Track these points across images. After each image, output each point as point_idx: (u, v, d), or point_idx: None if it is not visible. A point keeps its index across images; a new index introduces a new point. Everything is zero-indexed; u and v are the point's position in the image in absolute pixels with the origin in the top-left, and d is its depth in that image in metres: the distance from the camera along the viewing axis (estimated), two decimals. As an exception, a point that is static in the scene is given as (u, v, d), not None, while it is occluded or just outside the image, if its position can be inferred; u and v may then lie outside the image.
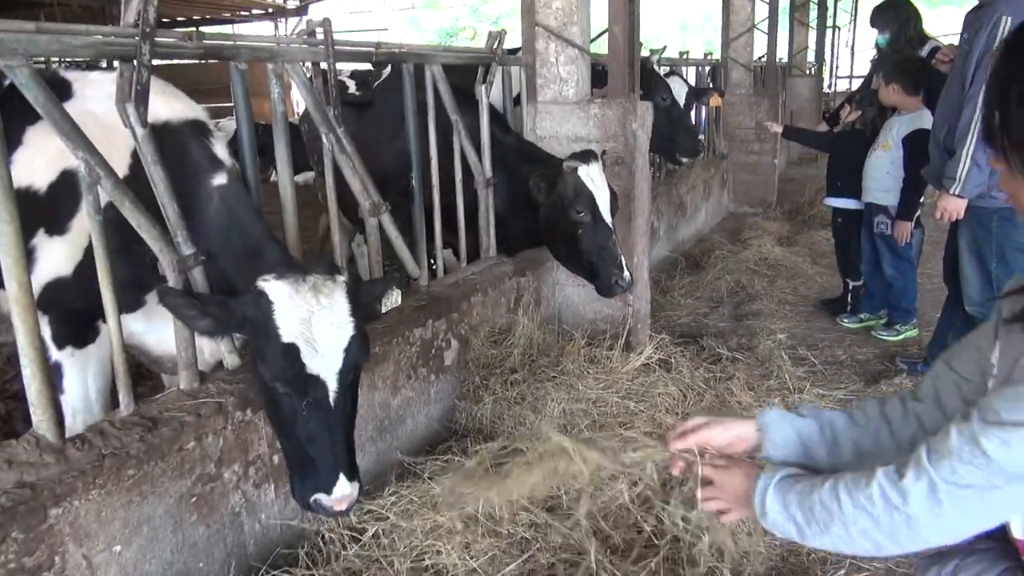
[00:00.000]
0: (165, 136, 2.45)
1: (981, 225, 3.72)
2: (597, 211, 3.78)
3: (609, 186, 3.86)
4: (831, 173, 5.54)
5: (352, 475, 2.19)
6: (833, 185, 5.45)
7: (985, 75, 3.31)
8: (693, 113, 8.04)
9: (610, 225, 3.85)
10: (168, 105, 2.55)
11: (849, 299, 5.50)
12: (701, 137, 7.00)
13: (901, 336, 4.98)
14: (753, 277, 6.29)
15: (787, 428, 1.47)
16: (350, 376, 2.20)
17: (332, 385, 2.15)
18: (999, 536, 1.21)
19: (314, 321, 2.10)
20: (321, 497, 2.16)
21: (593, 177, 3.76)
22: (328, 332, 2.12)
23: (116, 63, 2.19)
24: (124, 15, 2.18)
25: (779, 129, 6.65)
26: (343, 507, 2.18)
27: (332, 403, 2.16)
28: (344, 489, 2.16)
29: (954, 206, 3.73)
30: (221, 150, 2.62)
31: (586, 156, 3.80)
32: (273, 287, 2.13)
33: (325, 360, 2.13)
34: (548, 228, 3.98)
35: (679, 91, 6.86)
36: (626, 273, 3.84)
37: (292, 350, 2.09)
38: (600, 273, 3.85)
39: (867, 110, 5.18)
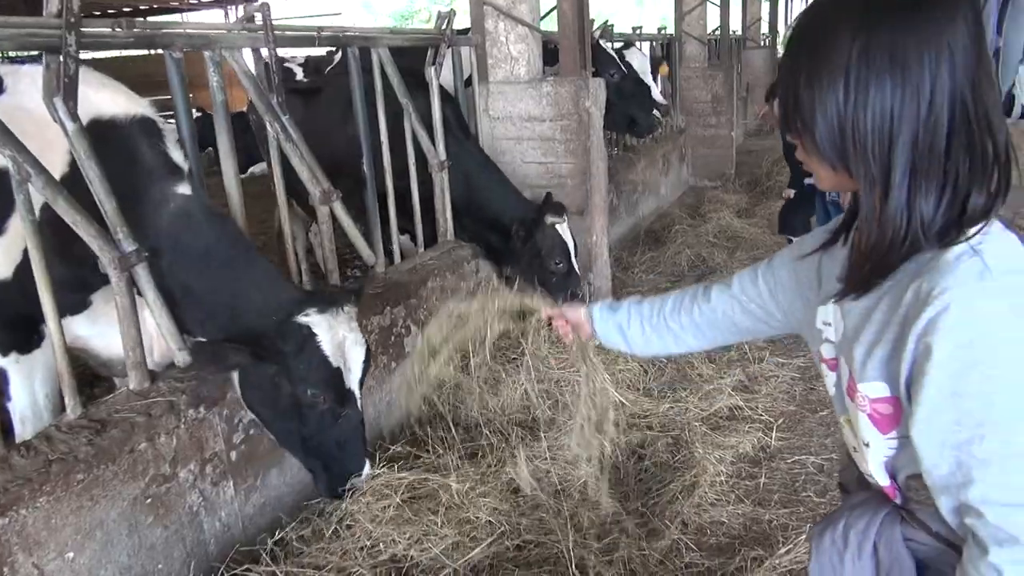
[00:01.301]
0: (111, 134, 2.37)
1: None
2: (571, 261, 4.10)
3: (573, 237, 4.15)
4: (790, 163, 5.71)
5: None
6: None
7: None
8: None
9: (579, 273, 4.19)
10: (112, 100, 2.45)
11: None
12: (657, 112, 6.97)
13: (858, 303, 5.05)
14: (713, 250, 6.35)
15: (607, 322, 1.78)
16: (364, 382, 2.55)
17: (358, 394, 2.49)
18: (874, 484, 1.27)
19: (347, 346, 2.42)
20: (355, 480, 2.52)
21: (566, 231, 4.07)
22: (355, 351, 2.45)
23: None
24: (47, 5, 2.10)
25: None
26: (369, 478, 2.61)
27: (360, 408, 2.51)
28: (369, 465, 2.57)
29: None
30: (177, 153, 2.54)
31: (559, 209, 4.05)
32: (316, 321, 2.37)
33: (354, 375, 2.46)
34: (523, 273, 4.14)
35: (642, 64, 6.80)
36: None
37: (338, 373, 2.40)
38: None
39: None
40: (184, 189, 2.47)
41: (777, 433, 3.42)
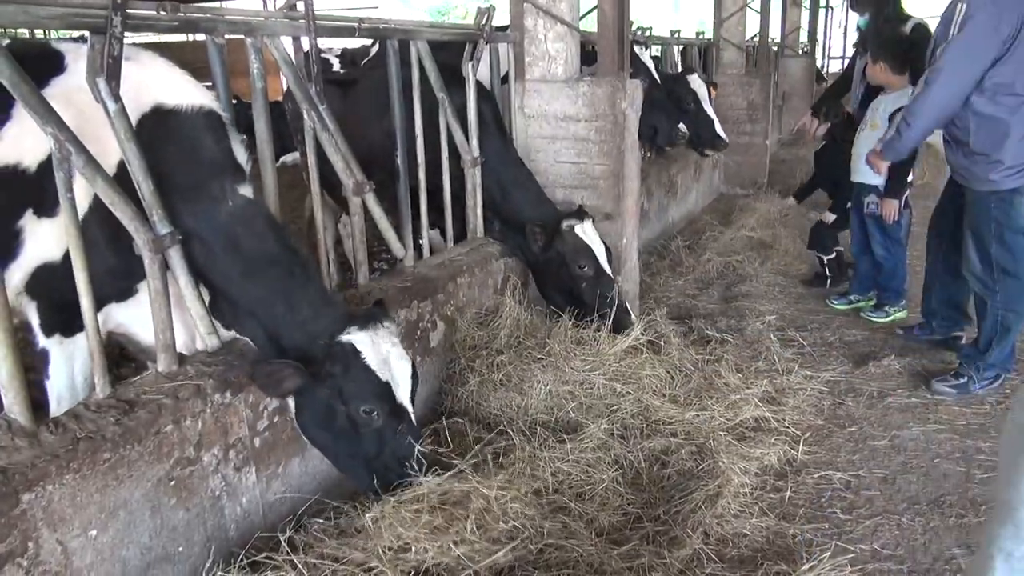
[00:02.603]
0: (173, 123, 2.39)
1: (980, 207, 3.75)
2: (598, 264, 3.97)
3: (602, 241, 4.04)
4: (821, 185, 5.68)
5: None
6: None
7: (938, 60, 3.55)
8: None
9: (611, 275, 4.04)
10: (178, 89, 2.45)
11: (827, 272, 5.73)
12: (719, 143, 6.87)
13: (890, 318, 4.97)
14: (743, 259, 6.27)
15: None
16: (415, 396, 2.60)
17: (411, 408, 2.56)
18: None
19: (392, 360, 2.48)
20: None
21: (588, 232, 3.96)
22: (401, 365, 2.51)
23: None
24: (95, -14, 2.11)
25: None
26: None
27: (414, 422, 2.57)
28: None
29: (876, 163, 4.29)
30: (241, 152, 2.55)
31: (580, 214, 3.96)
32: (358, 338, 2.43)
33: (404, 390, 2.52)
34: (551, 282, 4.09)
35: (704, 94, 6.66)
36: (633, 316, 4.10)
37: (387, 388, 2.46)
38: (606, 320, 3.97)
39: (834, 124, 5.54)
40: (246, 191, 2.49)
41: (804, 447, 3.36)
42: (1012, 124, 3.49)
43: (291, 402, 2.53)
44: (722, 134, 6.82)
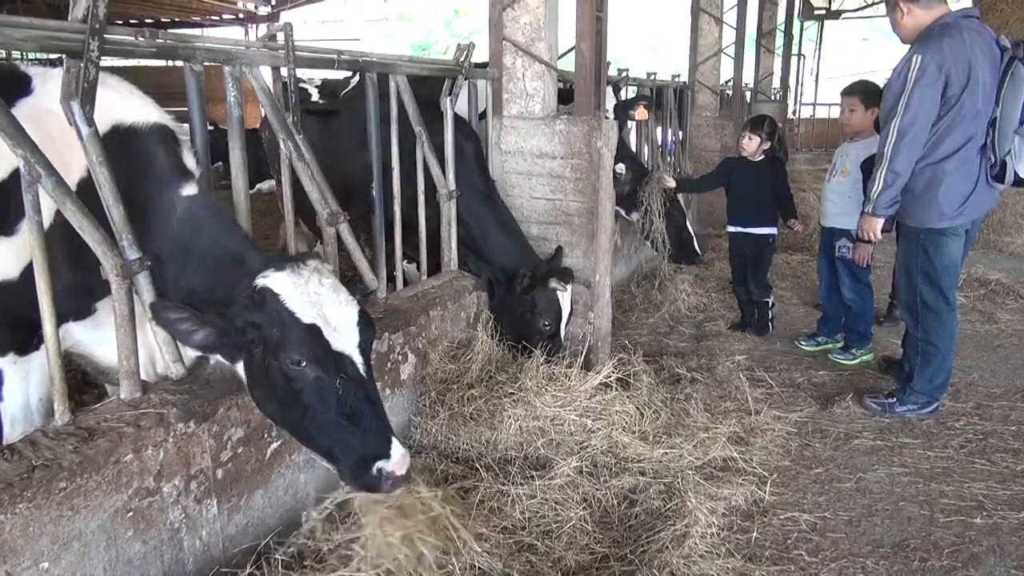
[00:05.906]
0: (131, 140, 2.39)
1: (909, 242, 4.05)
2: (559, 327, 4.17)
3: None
4: (737, 202, 5.62)
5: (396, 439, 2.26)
6: (740, 212, 5.56)
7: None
8: (659, 133, 8.01)
9: (563, 339, 4.25)
10: (137, 109, 2.47)
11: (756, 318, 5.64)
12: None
13: (857, 360, 5.03)
14: (714, 298, 6.33)
15: None
16: (369, 350, 2.30)
17: (358, 359, 2.24)
18: None
19: (323, 302, 2.20)
20: (383, 464, 2.20)
21: (565, 299, 4.14)
22: (339, 310, 2.22)
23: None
24: (72, 10, 2.11)
25: (672, 184, 6.05)
26: (404, 470, 2.22)
27: (364, 375, 2.24)
28: (400, 449, 2.22)
29: (869, 225, 4.03)
30: (190, 159, 2.55)
31: (566, 277, 4.12)
32: (275, 279, 2.20)
33: (344, 337, 2.21)
34: (509, 320, 4.21)
35: (684, 207, 6.50)
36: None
37: (315, 330, 2.17)
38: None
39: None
40: (190, 190, 2.46)
41: (771, 488, 3.37)
42: (946, 171, 3.74)
43: (241, 374, 2.34)
44: (699, 251, 6.73)
